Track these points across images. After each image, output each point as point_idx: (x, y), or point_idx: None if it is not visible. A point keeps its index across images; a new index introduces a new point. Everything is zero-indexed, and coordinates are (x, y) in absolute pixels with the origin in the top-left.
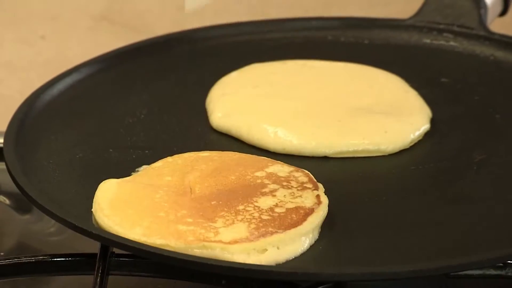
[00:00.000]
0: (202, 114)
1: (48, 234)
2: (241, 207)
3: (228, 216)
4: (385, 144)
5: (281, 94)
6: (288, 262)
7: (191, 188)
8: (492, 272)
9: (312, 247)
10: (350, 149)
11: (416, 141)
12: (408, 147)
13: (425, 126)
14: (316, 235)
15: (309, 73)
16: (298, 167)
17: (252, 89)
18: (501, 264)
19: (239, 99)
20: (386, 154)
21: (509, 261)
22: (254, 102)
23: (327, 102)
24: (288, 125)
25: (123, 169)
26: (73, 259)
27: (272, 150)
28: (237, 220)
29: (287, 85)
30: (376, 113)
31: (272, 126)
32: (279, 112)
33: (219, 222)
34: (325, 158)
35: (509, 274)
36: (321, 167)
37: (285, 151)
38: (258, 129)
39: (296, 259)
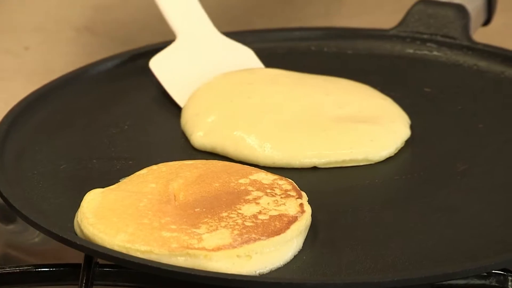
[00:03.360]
0: None
1: (32, 245)
2: (224, 214)
3: (211, 222)
4: (372, 152)
5: (260, 106)
6: (271, 272)
7: (175, 195)
8: (476, 281)
9: (295, 257)
10: (339, 159)
11: (400, 148)
12: (393, 154)
13: (406, 133)
14: (300, 244)
15: (282, 83)
16: (286, 178)
17: (227, 104)
18: (485, 274)
19: (219, 116)
20: (373, 162)
21: (493, 271)
22: (236, 117)
23: (308, 112)
24: (275, 138)
25: (107, 179)
26: (57, 269)
27: (262, 165)
28: (221, 226)
29: (263, 96)
30: (359, 122)
31: (259, 141)
32: (263, 126)
33: (203, 229)
34: (313, 169)
35: (493, 283)
36: (308, 177)
37: (275, 165)
38: (245, 146)
39: (279, 269)
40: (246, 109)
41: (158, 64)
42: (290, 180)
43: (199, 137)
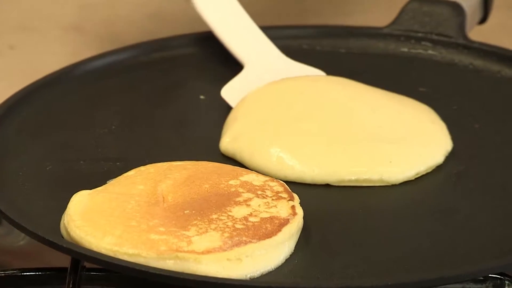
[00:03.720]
0: (175, 125)
1: (17, 248)
2: (214, 216)
3: (201, 225)
4: (388, 174)
5: (296, 118)
6: (262, 276)
7: (163, 197)
8: (472, 286)
9: (287, 261)
10: (352, 178)
11: (422, 173)
12: (413, 179)
13: (437, 160)
14: (291, 248)
15: (331, 94)
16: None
17: (265, 111)
18: (481, 278)
19: (249, 123)
20: (390, 184)
21: (490, 275)
22: (263, 126)
23: (341, 127)
24: (290, 152)
25: (93, 181)
26: (43, 273)
27: (274, 177)
28: (211, 228)
29: (306, 107)
30: (387, 142)
31: (274, 154)
32: (283, 139)
33: (192, 231)
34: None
35: None
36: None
37: (287, 179)
38: (259, 157)
39: (271, 273)
40: (278, 120)
41: (229, 92)
42: (282, 182)
43: (225, 142)
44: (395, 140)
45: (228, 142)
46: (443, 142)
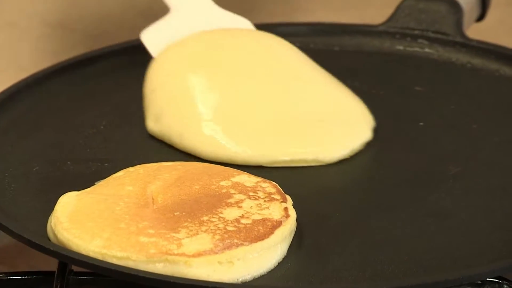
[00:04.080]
0: None
1: (3, 251)
2: (205, 218)
3: (191, 227)
4: (323, 153)
5: (221, 84)
6: (255, 280)
7: (153, 198)
8: None
9: (280, 264)
10: (286, 159)
11: (356, 151)
12: (348, 157)
13: (366, 135)
14: (284, 251)
15: (254, 57)
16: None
17: (187, 75)
18: (479, 282)
19: (170, 95)
20: (325, 164)
21: (487, 279)
22: (187, 98)
23: (269, 102)
24: (220, 132)
25: (81, 182)
26: (29, 277)
27: (204, 158)
28: (201, 231)
29: (230, 69)
30: (317, 120)
31: (203, 134)
32: (214, 113)
33: (182, 233)
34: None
35: None
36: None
37: (218, 160)
38: (188, 139)
39: (263, 276)
40: (202, 88)
41: (150, 37)
42: (274, 183)
43: (150, 124)
44: (323, 118)
45: (153, 124)
46: (367, 117)
